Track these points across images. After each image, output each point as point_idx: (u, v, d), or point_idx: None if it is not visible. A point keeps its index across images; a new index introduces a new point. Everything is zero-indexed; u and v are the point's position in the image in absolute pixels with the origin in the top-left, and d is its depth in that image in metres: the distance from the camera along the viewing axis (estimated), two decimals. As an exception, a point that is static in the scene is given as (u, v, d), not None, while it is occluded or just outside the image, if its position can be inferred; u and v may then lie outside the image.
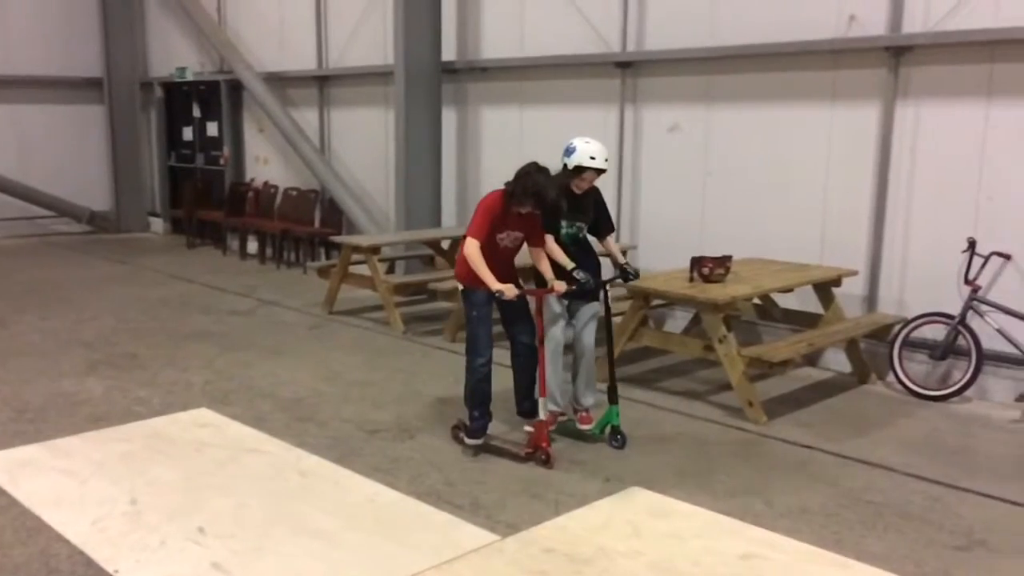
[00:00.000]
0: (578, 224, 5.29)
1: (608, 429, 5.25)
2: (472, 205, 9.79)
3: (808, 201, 7.11)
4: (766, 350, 5.80)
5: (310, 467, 4.90)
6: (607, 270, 5.42)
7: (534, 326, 5.09)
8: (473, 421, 5.12)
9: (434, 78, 9.30)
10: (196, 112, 13.20)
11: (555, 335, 5.22)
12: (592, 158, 5.07)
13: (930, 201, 6.50)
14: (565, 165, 5.13)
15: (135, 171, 14.10)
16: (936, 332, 6.27)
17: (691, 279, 6.14)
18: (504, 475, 4.82)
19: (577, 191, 5.20)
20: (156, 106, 13.98)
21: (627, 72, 8.18)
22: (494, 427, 5.24)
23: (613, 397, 5.23)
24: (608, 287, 5.26)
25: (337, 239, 8.82)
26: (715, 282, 6.10)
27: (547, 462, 4.90)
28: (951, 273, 6.25)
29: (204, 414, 5.71)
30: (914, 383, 6.27)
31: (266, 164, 12.40)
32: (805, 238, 7.12)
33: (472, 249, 4.84)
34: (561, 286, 4.98)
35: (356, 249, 8.20)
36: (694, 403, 6.11)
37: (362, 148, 10.93)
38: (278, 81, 11.70)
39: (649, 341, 6.40)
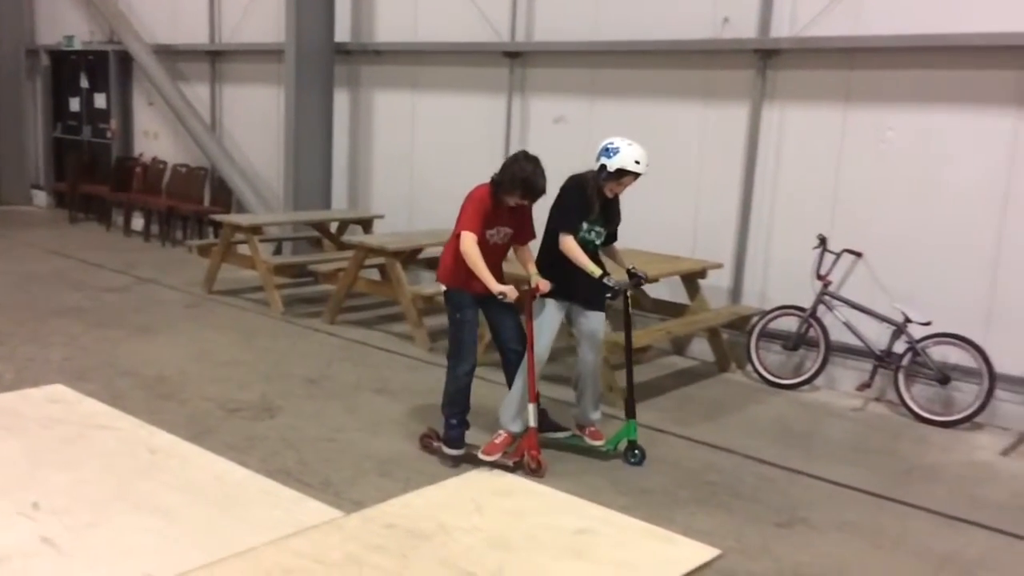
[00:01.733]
0: (597, 230, 4.86)
1: (624, 444, 4.96)
2: (363, 188, 9.83)
3: (682, 195, 7.35)
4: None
5: (161, 444, 4.84)
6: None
7: (523, 331, 4.78)
8: (451, 429, 4.77)
9: (326, 58, 9.23)
10: (84, 82, 12.75)
11: (540, 351, 4.78)
12: (637, 162, 4.63)
13: (792, 199, 6.80)
14: (603, 166, 4.68)
15: (18, 142, 13.53)
16: (791, 324, 6.58)
17: (560, 267, 6.27)
18: (358, 454, 4.87)
19: (610, 195, 4.79)
20: (42, 75, 13.43)
21: (516, 62, 8.29)
22: (471, 436, 4.89)
23: (631, 411, 4.94)
24: (628, 294, 4.99)
25: (218, 217, 8.68)
26: (583, 270, 6.25)
27: (537, 470, 4.62)
28: (809, 268, 6.55)
29: (58, 390, 5.57)
30: (769, 372, 6.57)
31: (155, 139, 12.07)
32: (678, 231, 7.36)
33: (469, 245, 4.48)
34: (545, 285, 4.67)
35: (237, 228, 8.09)
36: (557, 388, 6.24)
37: (254, 127, 10.74)
38: (169, 54, 11.40)
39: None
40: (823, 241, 6.40)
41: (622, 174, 4.67)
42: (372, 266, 7.83)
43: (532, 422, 4.71)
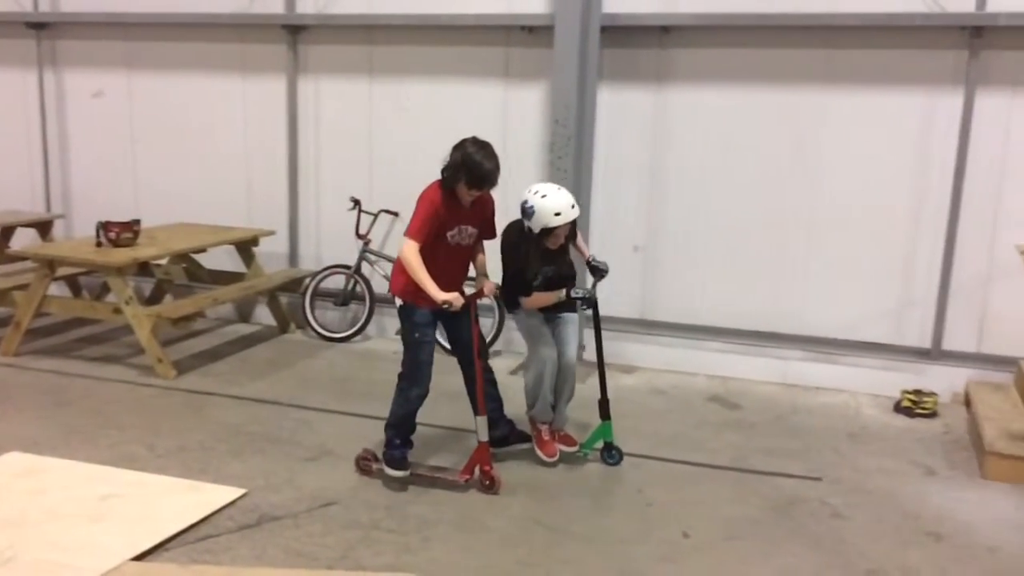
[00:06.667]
0: (545, 270, 4.59)
1: (600, 445, 4.81)
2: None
3: (232, 167, 7.52)
4: (167, 308, 6.08)
5: None
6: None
7: (484, 343, 4.45)
8: (394, 449, 4.45)
9: None
10: None
11: (545, 356, 4.60)
12: (557, 214, 4.33)
13: (334, 165, 7.30)
14: (530, 229, 4.42)
15: None
16: (341, 282, 7.11)
17: (99, 244, 6.16)
18: None
19: (553, 247, 4.49)
20: None
21: (43, 34, 7.80)
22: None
23: (605, 412, 4.77)
24: (595, 294, 4.68)
25: None
26: (124, 246, 6.19)
27: (491, 487, 4.38)
28: (353, 229, 7.10)
29: None
30: (325, 328, 7.07)
31: None
32: (232, 201, 7.53)
33: (409, 252, 4.13)
34: (491, 287, 4.46)
35: None
36: (109, 367, 6.17)
37: None
38: None
39: (57, 310, 6.29)
40: (357, 203, 6.98)
41: (550, 230, 4.39)
42: None
43: (482, 436, 4.46)
